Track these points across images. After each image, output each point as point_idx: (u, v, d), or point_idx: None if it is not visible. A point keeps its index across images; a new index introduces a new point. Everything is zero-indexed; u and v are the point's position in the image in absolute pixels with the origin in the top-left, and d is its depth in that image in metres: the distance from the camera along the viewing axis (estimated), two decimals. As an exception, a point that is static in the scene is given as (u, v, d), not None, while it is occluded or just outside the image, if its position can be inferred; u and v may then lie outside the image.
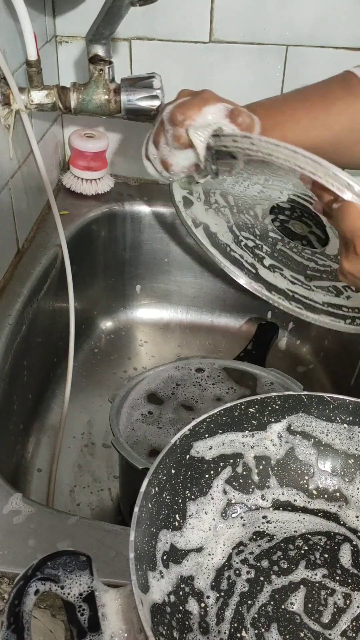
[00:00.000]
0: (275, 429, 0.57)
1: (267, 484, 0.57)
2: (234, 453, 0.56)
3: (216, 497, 0.54)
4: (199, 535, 0.52)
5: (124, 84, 0.93)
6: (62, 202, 1.15)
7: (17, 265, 0.99)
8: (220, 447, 0.55)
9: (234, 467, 0.56)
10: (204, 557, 0.52)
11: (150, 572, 0.46)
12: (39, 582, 0.42)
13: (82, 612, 0.43)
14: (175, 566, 0.49)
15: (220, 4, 1.08)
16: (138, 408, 0.86)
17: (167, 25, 1.10)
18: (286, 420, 0.57)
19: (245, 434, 0.56)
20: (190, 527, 0.52)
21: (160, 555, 0.48)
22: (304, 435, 0.57)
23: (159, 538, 0.49)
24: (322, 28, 1.09)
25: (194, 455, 0.53)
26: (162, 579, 0.47)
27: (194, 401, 0.88)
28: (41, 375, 1.03)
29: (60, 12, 1.10)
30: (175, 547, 0.50)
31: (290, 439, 0.57)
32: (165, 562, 0.48)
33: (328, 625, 0.49)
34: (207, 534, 0.53)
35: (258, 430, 0.57)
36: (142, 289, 1.25)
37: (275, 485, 0.57)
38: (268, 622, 0.49)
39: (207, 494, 0.54)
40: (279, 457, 0.57)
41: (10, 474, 0.88)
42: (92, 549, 0.60)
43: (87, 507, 0.94)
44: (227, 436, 0.55)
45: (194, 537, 0.52)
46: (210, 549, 0.53)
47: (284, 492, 0.57)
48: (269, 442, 0.57)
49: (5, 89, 0.87)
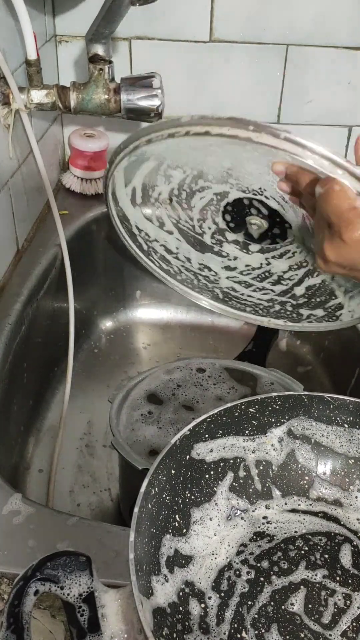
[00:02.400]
0: (276, 433, 0.57)
1: (270, 493, 0.57)
2: (235, 457, 0.56)
3: (221, 504, 0.54)
4: (204, 542, 0.52)
5: (124, 83, 0.93)
6: (62, 202, 1.15)
7: (16, 265, 0.99)
8: (220, 450, 0.55)
9: (235, 472, 0.56)
10: (207, 557, 0.52)
11: (154, 576, 0.46)
12: (39, 582, 0.42)
13: (81, 612, 0.43)
14: (181, 570, 0.49)
15: (220, 4, 1.08)
16: (138, 408, 0.86)
17: (167, 24, 1.10)
18: (286, 424, 0.57)
19: (246, 438, 0.56)
20: (195, 534, 0.52)
21: (164, 559, 0.48)
22: (304, 438, 0.57)
23: (163, 543, 0.49)
24: (322, 28, 1.09)
25: (194, 457, 0.53)
26: (166, 582, 0.47)
27: (194, 401, 0.88)
28: (41, 375, 1.03)
29: (60, 11, 1.10)
30: (179, 553, 0.50)
31: (291, 443, 0.57)
32: (169, 566, 0.48)
33: (328, 626, 0.49)
34: (213, 539, 0.53)
35: (258, 433, 0.56)
36: (142, 288, 1.25)
37: (278, 496, 0.57)
38: (268, 622, 0.49)
39: (211, 500, 0.54)
40: (280, 462, 0.57)
41: (10, 474, 0.88)
42: (91, 550, 0.60)
43: (87, 507, 0.94)
44: (227, 440, 0.55)
45: (199, 543, 0.52)
46: (214, 549, 0.53)
47: (287, 502, 0.57)
48: (269, 447, 0.57)
49: (5, 88, 0.87)
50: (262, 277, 0.84)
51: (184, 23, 1.10)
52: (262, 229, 0.79)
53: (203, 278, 0.88)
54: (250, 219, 0.79)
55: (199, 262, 0.86)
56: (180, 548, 0.50)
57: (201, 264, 0.86)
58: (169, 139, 0.61)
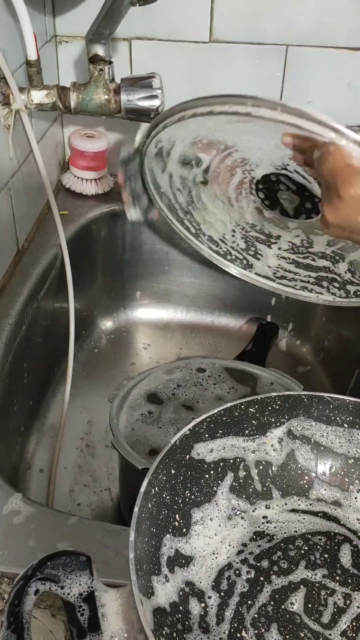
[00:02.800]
0: (276, 433, 0.57)
1: (270, 493, 0.57)
2: (235, 457, 0.56)
3: (221, 505, 0.55)
4: (205, 542, 0.52)
5: (124, 83, 0.93)
6: (62, 202, 1.15)
7: (17, 265, 0.99)
8: (221, 450, 0.55)
9: (235, 472, 0.56)
10: (208, 557, 0.52)
11: (155, 576, 0.46)
12: (39, 582, 0.42)
13: (82, 612, 0.43)
14: (181, 570, 0.49)
15: (220, 4, 1.08)
16: (138, 408, 0.86)
17: (167, 25, 1.10)
18: (286, 425, 0.57)
19: (246, 439, 0.56)
20: (196, 534, 0.52)
21: (164, 559, 0.48)
22: (304, 439, 0.57)
23: (163, 543, 0.49)
24: (322, 28, 1.09)
25: (194, 457, 0.53)
26: (167, 582, 0.47)
27: (194, 401, 0.88)
28: (41, 375, 1.03)
29: (60, 11, 1.10)
30: (180, 553, 0.50)
31: (291, 444, 0.57)
32: (170, 566, 0.48)
33: (328, 626, 0.49)
34: (214, 539, 0.53)
35: (258, 432, 0.56)
36: (142, 289, 1.25)
37: (278, 497, 0.57)
38: (268, 622, 0.49)
39: (211, 500, 0.54)
40: (280, 463, 0.57)
41: (10, 474, 0.88)
42: (92, 549, 0.60)
43: (87, 507, 0.94)
44: (227, 440, 0.55)
45: (199, 543, 0.52)
46: (215, 548, 0.53)
47: (287, 502, 0.57)
48: (269, 447, 0.57)
49: (5, 88, 0.87)
50: (306, 254, 0.86)
51: (184, 23, 1.10)
52: (295, 203, 0.82)
53: (252, 256, 0.91)
54: (282, 194, 0.81)
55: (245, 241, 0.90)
56: (181, 548, 0.50)
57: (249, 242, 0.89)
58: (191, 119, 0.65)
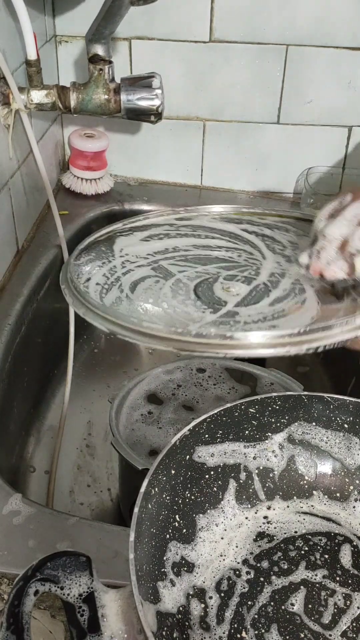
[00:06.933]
0: (277, 439, 0.57)
1: (272, 498, 0.57)
2: (236, 463, 0.56)
3: (226, 510, 0.55)
4: (211, 547, 0.52)
5: (124, 83, 0.93)
6: (62, 202, 1.15)
7: (16, 265, 0.99)
8: (222, 456, 0.55)
9: (236, 477, 0.56)
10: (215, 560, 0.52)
11: (160, 581, 0.46)
12: (39, 582, 0.42)
13: (81, 612, 0.43)
14: (188, 575, 0.49)
15: (220, 4, 1.08)
16: (138, 408, 0.86)
17: (167, 25, 1.10)
18: (286, 431, 0.57)
19: (246, 444, 0.56)
20: (202, 541, 0.52)
21: (169, 564, 0.48)
22: (304, 444, 0.57)
23: (169, 548, 0.49)
24: (322, 28, 1.09)
25: (195, 459, 0.53)
26: (173, 587, 0.47)
27: (194, 401, 0.88)
28: (41, 375, 1.03)
29: (60, 11, 1.10)
30: (186, 560, 0.50)
31: (291, 449, 0.57)
32: (176, 571, 0.48)
33: (328, 626, 0.49)
34: (220, 543, 0.53)
35: (259, 434, 0.56)
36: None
37: (279, 500, 0.57)
38: (268, 622, 0.49)
39: (215, 506, 0.54)
40: (281, 468, 0.57)
41: (10, 474, 0.88)
42: (91, 550, 0.60)
43: (87, 507, 0.94)
44: (229, 445, 0.55)
45: (205, 549, 0.52)
46: (222, 551, 0.53)
47: (289, 506, 0.57)
48: (270, 453, 0.57)
49: (5, 88, 0.87)
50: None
51: (184, 23, 1.10)
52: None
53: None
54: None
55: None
56: (187, 555, 0.50)
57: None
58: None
